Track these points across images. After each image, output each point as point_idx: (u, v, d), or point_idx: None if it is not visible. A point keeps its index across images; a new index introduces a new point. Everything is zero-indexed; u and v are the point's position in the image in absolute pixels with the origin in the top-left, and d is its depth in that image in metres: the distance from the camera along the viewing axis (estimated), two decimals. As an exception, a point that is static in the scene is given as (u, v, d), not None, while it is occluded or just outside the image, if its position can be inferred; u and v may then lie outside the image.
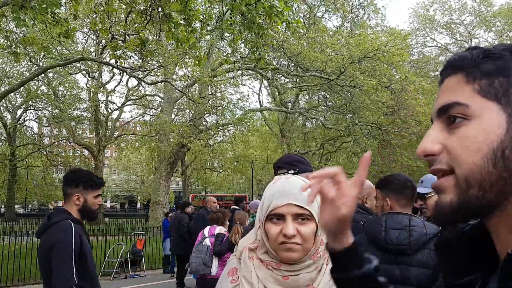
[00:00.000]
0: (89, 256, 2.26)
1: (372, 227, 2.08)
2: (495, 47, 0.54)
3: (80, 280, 2.10)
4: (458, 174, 0.52)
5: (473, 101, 0.53)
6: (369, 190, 2.61)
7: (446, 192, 0.54)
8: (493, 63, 0.54)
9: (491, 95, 0.53)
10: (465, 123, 0.53)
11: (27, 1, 5.04)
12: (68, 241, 2.12)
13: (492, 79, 0.53)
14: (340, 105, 18.17)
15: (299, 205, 1.03)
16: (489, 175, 0.50)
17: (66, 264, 2.07)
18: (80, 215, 2.34)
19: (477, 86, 0.54)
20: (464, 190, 0.52)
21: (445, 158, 0.54)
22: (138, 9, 6.57)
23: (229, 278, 1.11)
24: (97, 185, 2.39)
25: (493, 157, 0.50)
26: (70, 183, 2.35)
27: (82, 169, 2.48)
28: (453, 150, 0.53)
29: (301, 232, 1.02)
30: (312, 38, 15.95)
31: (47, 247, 2.15)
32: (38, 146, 24.74)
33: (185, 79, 16.55)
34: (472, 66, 0.55)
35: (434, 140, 0.55)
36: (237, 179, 34.96)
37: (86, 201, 2.34)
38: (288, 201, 1.03)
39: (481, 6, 26.56)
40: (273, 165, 2.02)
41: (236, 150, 21.91)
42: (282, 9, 5.31)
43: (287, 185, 1.07)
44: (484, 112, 0.52)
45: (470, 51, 0.56)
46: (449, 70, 0.57)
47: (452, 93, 0.55)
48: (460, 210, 0.52)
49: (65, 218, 2.24)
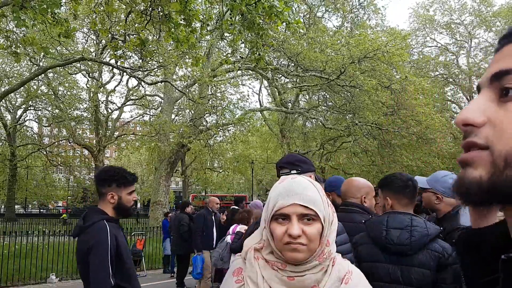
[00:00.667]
0: (126, 255, 2.26)
1: (374, 227, 2.08)
2: None
3: (118, 280, 2.13)
4: (496, 151, 0.47)
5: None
6: (367, 189, 2.59)
7: (477, 167, 0.48)
8: None
9: None
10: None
11: (27, 1, 5.04)
12: (104, 243, 2.13)
13: None
14: (340, 105, 18.17)
15: (305, 205, 1.02)
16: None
17: (103, 267, 2.08)
18: (116, 213, 2.35)
19: None
20: (500, 169, 0.46)
21: (487, 132, 0.48)
22: (138, 9, 6.57)
23: (234, 278, 1.11)
24: (130, 181, 2.38)
25: None
26: (103, 183, 2.34)
27: (113, 166, 2.46)
28: (500, 124, 0.47)
29: (306, 233, 1.01)
30: (312, 38, 15.95)
31: (83, 250, 2.16)
32: (38, 146, 24.74)
33: (185, 79, 16.55)
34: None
35: (480, 110, 0.49)
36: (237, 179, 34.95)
37: (121, 199, 2.34)
38: (294, 201, 1.02)
39: (481, 6, 26.56)
40: (276, 164, 2.00)
41: (236, 150, 21.90)
42: (282, 9, 5.31)
43: (293, 184, 1.07)
44: None
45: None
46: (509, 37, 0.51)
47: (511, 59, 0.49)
48: (491, 190, 0.46)
49: (100, 218, 2.23)
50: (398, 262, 1.93)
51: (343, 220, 2.49)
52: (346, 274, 1.07)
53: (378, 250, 2.04)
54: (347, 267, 1.10)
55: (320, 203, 1.04)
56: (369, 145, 18.05)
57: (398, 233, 1.96)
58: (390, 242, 1.97)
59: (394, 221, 2.01)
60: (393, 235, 1.97)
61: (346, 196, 2.59)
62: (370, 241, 2.09)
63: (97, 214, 2.28)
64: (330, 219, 1.07)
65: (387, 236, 1.98)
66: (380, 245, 2.02)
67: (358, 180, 2.67)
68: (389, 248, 1.97)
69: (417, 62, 25.91)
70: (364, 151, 18.72)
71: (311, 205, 1.02)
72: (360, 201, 2.56)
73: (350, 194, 2.56)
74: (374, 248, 2.06)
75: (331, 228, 1.08)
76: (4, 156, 23.41)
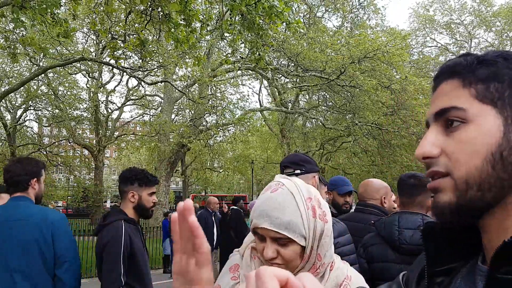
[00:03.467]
0: (140, 256, 2.29)
1: (385, 227, 2.08)
2: (487, 54, 0.56)
3: (129, 280, 2.16)
4: (456, 177, 0.53)
5: (470, 105, 0.54)
6: (385, 190, 2.60)
7: (445, 192, 0.55)
8: (487, 69, 0.55)
9: (487, 99, 0.54)
10: (462, 126, 0.54)
11: (27, 1, 5.03)
12: (117, 241, 2.17)
13: (488, 84, 0.55)
14: (340, 105, 18.16)
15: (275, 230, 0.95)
16: (488, 176, 0.52)
17: (115, 265, 2.13)
18: (136, 213, 2.39)
19: (473, 91, 0.55)
20: (463, 191, 0.53)
21: (444, 161, 0.55)
22: (138, 9, 6.57)
23: (230, 274, 1.10)
24: (151, 182, 2.43)
25: (492, 159, 0.52)
26: (125, 181, 2.40)
27: (136, 167, 2.51)
28: (452, 154, 0.54)
29: (281, 254, 0.96)
30: (312, 38, 15.94)
31: (100, 247, 2.22)
32: (38, 146, 24.72)
33: (185, 79, 16.54)
34: (468, 71, 0.56)
35: (433, 144, 0.56)
36: (237, 179, 34.94)
37: (141, 198, 2.39)
38: (263, 225, 0.96)
39: (481, 6, 26.54)
40: (280, 163, 1.99)
41: (236, 150, 21.88)
42: (282, 10, 5.31)
43: (267, 203, 0.97)
44: (481, 116, 0.54)
45: (464, 57, 0.57)
46: (444, 76, 0.58)
47: (449, 98, 0.57)
48: (459, 210, 0.54)
49: (118, 218, 2.28)
50: (410, 262, 1.93)
51: (357, 221, 2.50)
52: (344, 280, 1.04)
53: (390, 250, 2.04)
54: (346, 272, 1.07)
55: (295, 224, 0.95)
56: (369, 145, 18.03)
57: (411, 233, 1.97)
58: (403, 242, 1.98)
59: (407, 222, 2.02)
60: (406, 235, 1.98)
61: (365, 198, 2.60)
62: (381, 241, 2.10)
63: (116, 214, 2.34)
64: (318, 233, 0.98)
65: (400, 236, 1.99)
66: (392, 245, 2.03)
67: (375, 181, 2.69)
68: (402, 248, 1.98)
69: (417, 62, 25.88)
70: (364, 151, 18.71)
71: (281, 229, 0.94)
72: (380, 202, 2.56)
73: (369, 196, 2.58)
74: (385, 248, 2.07)
75: (321, 241, 0.99)
76: (4, 156, 23.39)
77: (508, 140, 0.52)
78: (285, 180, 1.03)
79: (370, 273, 2.11)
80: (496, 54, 0.56)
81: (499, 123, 0.53)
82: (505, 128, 0.53)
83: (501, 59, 0.55)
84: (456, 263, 0.60)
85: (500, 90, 0.54)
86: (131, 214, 2.36)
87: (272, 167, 28.31)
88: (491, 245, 0.55)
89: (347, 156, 20.79)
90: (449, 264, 0.60)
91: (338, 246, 1.90)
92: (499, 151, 0.52)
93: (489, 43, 26.87)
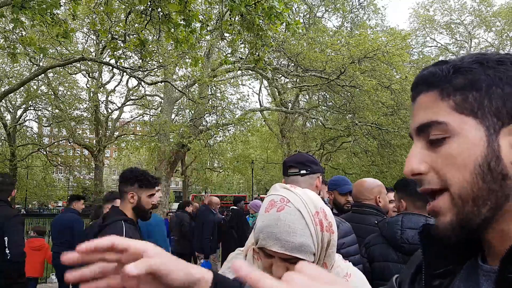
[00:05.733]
0: None
1: (388, 227, 2.09)
2: (463, 60, 0.55)
3: None
4: (452, 192, 0.53)
5: (450, 118, 0.54)
6: (379, 189, 2.59)
7: (445, 213, 0.54)
8: (464, 77, 0.54)
9: (467, 110, 0.54)
10: (446, 141, 0.54)
11: (27, 1, 5.03)
12: None
13: (466, 94, 0.54)
14: (340, 105, 18.16)
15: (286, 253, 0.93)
16: (480, 190, 0.51)
17: None
18: (134, 214, 2.38)
19: (452, 102, 0.54)
20: (460, 207, 0.53)
21: (435, 177, 0.54)
22: (138, 9, 6.57)
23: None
24: (152, 184, 2.42)
25: (480, 171, 0.51)
26: (126, 181, 2.40)
27: (137, 167, 2.49)
28: (440, 170, 0.54)
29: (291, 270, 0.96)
30: (312, 38, 15.94)
31: None
32: (38, 146, 24.71)
33: (185, 79, 16.54)
34: (444, 82, 0.55)
35: (420, 160, 0.56)
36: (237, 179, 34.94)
37: (140, 200, 2.38)
38: (273, 249, 0.94)
39: (481, 6, 26.53)
40: (283, 163, 1.96)
41: (236, 150, 21.88)
42: (281, 10, 5.30)
43: (277, 224, 0.94)
44: (463, 129, 0.53)
45: (440, 66, 0.56)
46: (421, 87, 0.57)
47: (429, 111, 0.56)
48: (461, 228, 0.53)
49: (118, 219, 2.28)
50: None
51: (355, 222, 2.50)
52: (344, 277, 1.05)
53: (391, 250, 2.05)
54: (346, 270, 1.07)
55: (306, 245, 0.94)
56: (369, 145, 18.04)
57: (413, 233, 1.98)
58: (405, 241, 1.98)
59: (410, 222, 2.02)
60: (408, 234, 1.99)
61: (359, 198, 2.60)
62: (383, 241, 2.10)
63: (116, 214, 2.34)
64: (325, 245, 0.98)
65: (402, 236, 2.00)
66: (394, 245, 2.03)
67: (369, 180, 2.68)
68: (404, 248, 1.99)
69: (417, 62, 25.86)
70: (364, 151, 18.71)
71: (293, 253, 0.93)
72: (375, 201, 2.56)
73: (363, 196, 2.57)
74: (387, 248, 2.07)
75: (328, 251, 0.99)
76: (4, 156, 23.38)
77: (493, 150, 0.51)
78: (290, 195, 0.99)
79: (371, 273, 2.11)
80: (471, 60, 0.55)
81: (482, 134, 0.52)
82: (489, 138, 0.52)
83: (476, 65, 0.54)
84: (453, 265, 0.60)
85: (479, 99, 0.53)
86: (130, 215, 2.36)
87: (272, 167, 28.32)
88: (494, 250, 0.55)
89: (347, 156, 20.79)
90: (446, 267, 0.60)
91: (344, 246, 1.90)
92: (486, 162, 0.51)
93: (489, 43, 26.86)
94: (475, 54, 0.57)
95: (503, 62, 0.54)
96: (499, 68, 0.54)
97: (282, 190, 1.02)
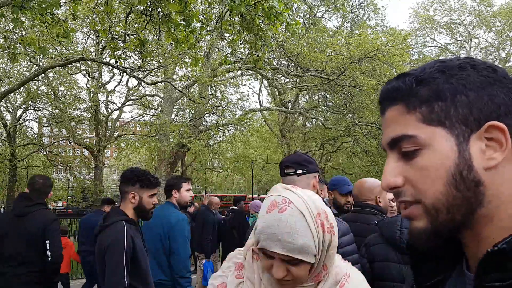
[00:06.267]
0: (142, 257, 2.29)
1: (387, 227, 2.09)
2: (424, 70, 0.55)
3: (133, 281, 2.17)
4: (425, 204, 0.54)
5: (419, 131, 0.54)
6: (379, 189, 2.58)
7: (419, 219, 0.55)
8: (428, 89, 0.54)
9: (435, 121, 0.54)
10: (418, 153, 0.54)
11: (27, 1, 5.04)
12: (120, 243, 2.17)
13: (432, 105, 0.54)
14: (340, 105, 18.16)
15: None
16: (454, 199, 0.52)
17: (118, 267, 2.13)
18: (135, 214, 2.39)
19: (419, 114, 0.54)
20: (434, 216, 0.53)
21: (410, 190, 0.55)
22: (138, 9, 6.57)
23: (235, 273, 1.09)
24: (153, 184, 2.43)
25: (453, 181, 0.52)
26: (127, 181, 2.40)
27: (138, 168, 2.50)
28: (415, 182, 0.54)
29: (292, 272, 0.95)
30: (312, 38, 15.94)
31: (101, 249, 2.22)
32: (38, 146, 24.71)
33: (185, 79, 16.54)
34: (409, 95, 0.55)
35: (395, 173, 0.56)
36: (237, 179, 34.95)
37: (141, 200, 2.39)
38: (275, 250, 0.93)
39: (481, 6, 26.53)
40: (280, 163, 1.96)
41: (236, 150, 21.89)
42: (281, 11, 5.30)
43: (278, 226, 0.93)
44: (433, 140, 0.53)
45: (402, 79, 0.56)
46: (388, 101, 0.57)
47: (398, 125, 0.56)
48: (435, 235, 0.54)
49: (119, 219, 2.28)
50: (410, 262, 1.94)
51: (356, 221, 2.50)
52: (343, 278, 1.04)
53: (391, 250, 2.05)
54: (345, 270, 1.07)
55: (308, 246, 0.93)
56: (369, 145, 18.04)
57: None
58: (404, 241, 1.99)
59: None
60: (407, 235, 1.98)
61: (360, 198, 2.59)
62: (383, 241, 2.10)
63: (117, 214, 2.33)
64: (325, 247, 0.98)
65: (401, 236, 2.00)
66: (393, 245, 2.03)
67: (369, 180, 2.67)
68: (403, 248, 1.99)
69: (417, 62, 25.88)
70: (364, 151, 18.72)
71: (295, 254, 0.93)
72: (375, 201, 2.55)
73: (364, 196, 2.57)
74: (386, 248, 2.07)
75: (328, 252, 0.99)
76: (4, 156, 23.38)
77: (464, 159, 0.52)
78: (292, 196, 0.98)
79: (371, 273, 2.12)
80: (433, 69, 0.55)
81: (452, 143, 0.53)
82: (459, 147, 0.52)
83: (439, 74, 0.54)
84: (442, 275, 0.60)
85: (445, 109, 0.53)
86: (131, 215, 2.36)
87: (272, 167, 28.32)
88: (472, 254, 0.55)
89: (347, 156, 20.79)
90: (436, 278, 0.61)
91: (341, 246, 1.90)
92: (459, 172, 0.52)
93: (489, 43, 26.88)
94: (435, 62, 0.56)
95: (464, 67, 0.54)
96: (461, 74, 0.54)
97: (284, 191, 1.01)
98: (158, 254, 3.00)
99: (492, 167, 0.52)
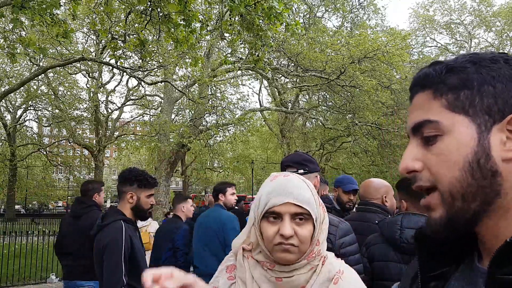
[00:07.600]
0: (140, 256, 2.30)
1: (388, 227, 2.09)
2: (456, 60, 0.56)
3: (131, 280, 2.17)
4: (441, 190, 0.54)
5: (442, 117, 0.55)
6: (386, 189, 2.60)
7: (435, 209, 0.56)
8: (456, 77, 0.55)
9: (459, 108, 0.55)
10: (439, 139, 0.55)
11: (27, 1, 5.04)
12: (118, 242, 2.18)
13: (458, 93, 0.55)
14: (340, 105, 18.15)
15: (298, 205, 1.00)
16: (469, 186, 0.52)
17: (117, 266, 2.14)
18: (133, 214, 2.39)
19: (444, 101, 0.55)
20: (450, 204, 0.54)
21: (427, 175, 0.56)
22: (137, 9, 6.57)
23: (227, 274, 1.11)
24: (151, 184, 2.44)
25: (470, 168, 0.52)
26: (125, 181, 2.40)
27: (136, 168, 2.50)
28: (432, 167, 0.55)
29: (298, 233, 1.00)
30: (312, 38, 15.93)
31: (100, 248, 2.23)
32: (38, 146, 24.72)
33: (185, 79, 16.54)
34: (437, 82, 0.56)
35: (414, 158, 0.58)
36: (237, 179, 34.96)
37: (139, 200, 2.39)
38: (287, 200, 1.00)
39: (481, 6, 26.54)
40: (281, 162, 1.97)
41: (236, 150, 21.89)
42: (281, 11, 5.31)
43: (286, 183, 1.04)
44: (454, 126, 0.54)
45: (434, 67, 0.57)
46: (416, 88, 0.58)
47: (422, 111, 0.57)
48: (451, 224, 0.55)
49: (118, 218, 2.29)
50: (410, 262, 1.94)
51: (360, 220, 2.51)
52: (336, 274, 1.05)
53: (391, 250, 2.05)
54: (338, 267, 1.08)
55: (313, 202, 1.03)
56: (369, 145, 18.04)
57: (412, 232, 1.98)
58: (404, 241, 1.99)
59: (410, 222, 2.03)
60: (407, 234, 1.99)
61: (366, 198, 2.60)
62: (383, 240, 2.11)
63: (115, 214, 2.34)
64: (321, 218, 1.06)
65: (401, 236, 2.00)
66: (393, 245, 2.04)
67: (376, 180, 2.69)
68: (403, 247, 1.99)
69: (417, 62, 25.89)
70: (364, 151, 18.72)
71: (305, 204, 1.01)
72: (382, 201, 2.56)
73: (370, 195, 2.58)
74: (386, 248, 2.08)
75: (322, 227, 1.07)
76: (4, 156, 23.39)
77: (483, 148, 0.52)
78: (288, 172, 1.13)
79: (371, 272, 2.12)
80: (464, 59, 0.56)
81: (473, 131, 0.53)
82: (479, 135, 0.53)
83: (469, 64, 0.55)
84: (448, 267, 0.61)
85: (470, 98, 0.54)
86: (129, 215, 2.36)
87: (272, 167, 28.31)
88: (489, 246, 0.55)
89: (347, 156, 20.80)
90: (442, 269, 0.61)
91: (343, 246, 1.90)
92: (476, 160, 0.52)
93: (489, 43, 26.87)
94: (468, 54, 0.57)
95: (496, 60, 0.55)
96: (492, 66, 0.54)
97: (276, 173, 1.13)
98: (216, 248, 3.38)
99: (511, 159, 0.52)
